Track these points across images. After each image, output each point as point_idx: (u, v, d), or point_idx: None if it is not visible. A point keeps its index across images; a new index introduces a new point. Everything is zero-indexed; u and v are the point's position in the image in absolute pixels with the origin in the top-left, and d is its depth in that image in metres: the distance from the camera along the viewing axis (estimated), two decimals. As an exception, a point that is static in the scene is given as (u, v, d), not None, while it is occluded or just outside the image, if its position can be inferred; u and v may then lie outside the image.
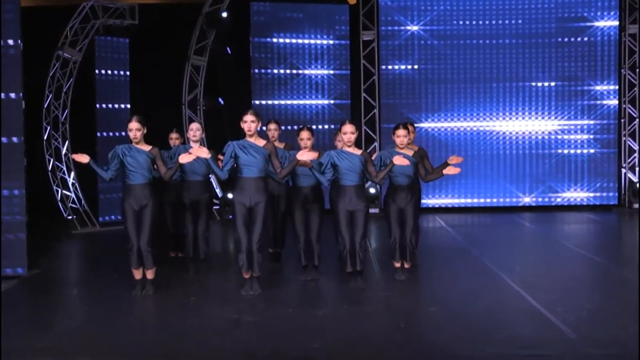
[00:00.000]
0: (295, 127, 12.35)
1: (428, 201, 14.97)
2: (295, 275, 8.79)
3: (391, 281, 8.49)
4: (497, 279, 8.57)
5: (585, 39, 15.03)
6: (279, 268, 9.49)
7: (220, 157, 8.25)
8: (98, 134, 13.26)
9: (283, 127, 10.68)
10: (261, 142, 7.81)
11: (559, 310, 7.03)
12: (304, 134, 8.52)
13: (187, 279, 8.83)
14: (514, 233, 12.96)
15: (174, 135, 9.92)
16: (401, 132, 8.40)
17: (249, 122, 7.78)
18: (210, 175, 9.36)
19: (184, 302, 7.69)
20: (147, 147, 7.89)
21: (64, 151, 13.32)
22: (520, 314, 7.10)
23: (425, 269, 9.42)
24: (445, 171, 8.42)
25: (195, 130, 8.85)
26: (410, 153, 8.43)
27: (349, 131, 7.98)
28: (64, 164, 13.33)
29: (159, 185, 8.21)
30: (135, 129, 7.82)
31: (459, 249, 10.91)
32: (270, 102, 14.85)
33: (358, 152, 8.11)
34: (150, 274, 7.99)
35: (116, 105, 13.64)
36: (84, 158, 7.75)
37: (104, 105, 13.47)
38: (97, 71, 13.43)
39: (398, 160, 7.87)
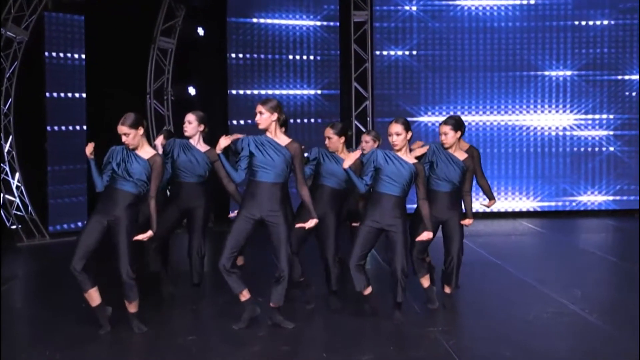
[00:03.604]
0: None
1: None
2: (314, 304, 7.51)
3: (432, 312, 7.38)
4: (564, 309, 7.49)
5: (605, 22, 14.42)
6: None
7: None
8: (48, 128, 12.25)
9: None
10: (284, 141, 6.72)
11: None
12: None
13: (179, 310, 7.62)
14: (541, 244, 12.21)
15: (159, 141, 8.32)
16: (444, 128, 7.36)
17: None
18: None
19: (182, 344, 6.37)
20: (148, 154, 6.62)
21: (6, 148, 12.24)
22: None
23: (465, 293, 8.19)
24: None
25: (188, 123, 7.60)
26: (461, 157, 7.39)
27: (393, 132, 6.92)
28: (7, 163, 12.27)
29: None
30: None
31: (491, 265, 9.86)
32: (249, 91, 13.96)
33: (411, 160, 6.97)
34: (133, 307, 6.68)
35: (69, 94, 12.71)
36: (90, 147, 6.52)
37: (55, 94, 12.54)
38: (46, 54, 12.44)
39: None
